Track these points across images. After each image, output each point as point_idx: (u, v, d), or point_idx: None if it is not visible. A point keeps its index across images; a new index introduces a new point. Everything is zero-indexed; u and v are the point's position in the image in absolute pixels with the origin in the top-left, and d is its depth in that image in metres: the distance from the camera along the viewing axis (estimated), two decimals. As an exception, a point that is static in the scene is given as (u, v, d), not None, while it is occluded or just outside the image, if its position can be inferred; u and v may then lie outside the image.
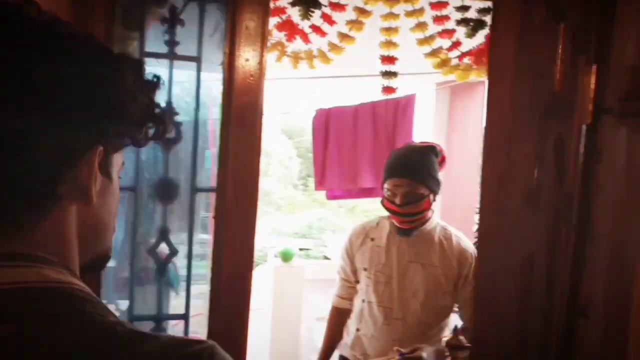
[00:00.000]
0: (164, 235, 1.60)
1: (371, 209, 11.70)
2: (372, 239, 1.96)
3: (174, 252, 1.62)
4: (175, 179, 1.60)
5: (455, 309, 2.02)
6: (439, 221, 2.00)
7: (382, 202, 1.93)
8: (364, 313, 1.96)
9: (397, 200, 1.81)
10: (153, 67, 1.57)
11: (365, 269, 1.95)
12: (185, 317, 1.64)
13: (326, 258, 8.57)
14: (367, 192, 3.16)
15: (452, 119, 3.95)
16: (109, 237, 0.64)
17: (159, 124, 0.61)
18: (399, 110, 3.02)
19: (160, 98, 1.55)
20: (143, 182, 1.59)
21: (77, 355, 0.48)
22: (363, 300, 1.96)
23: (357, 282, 2.04)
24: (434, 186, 1.87)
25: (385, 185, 1.88)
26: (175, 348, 0.51)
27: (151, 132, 0.62)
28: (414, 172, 1.83)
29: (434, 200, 1.90)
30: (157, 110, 0.60)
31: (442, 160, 1.94)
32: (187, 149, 1.63)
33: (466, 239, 1.97)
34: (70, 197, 0.55)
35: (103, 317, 0.52)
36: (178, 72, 1.59)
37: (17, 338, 0.47)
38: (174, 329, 1.70)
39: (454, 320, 2.07)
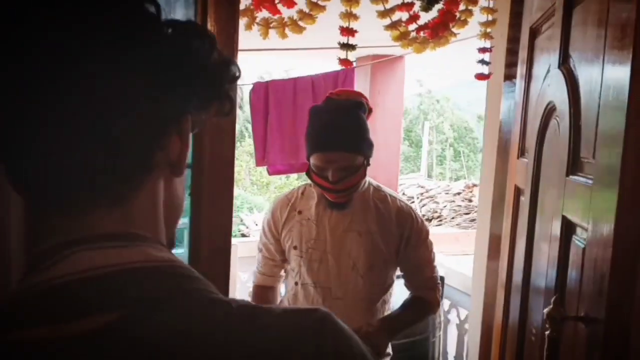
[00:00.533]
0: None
1: (284, 185, 11.76)
2: (300, 212, 1.65)
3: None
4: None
5: (399, 275, 1.76)
6: (370, 181, 1.68)
7: (309, 176, 1.61)
8: (299, 297, 1.68)
9: (330, 177, 1.51)
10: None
11: (295, 248, 1.65)
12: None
13: (244, 235, 8.53)
14: (309, 166, 3.17)
15: (373, 93, 4.06)
16: (180, 216, 0.62)
17: (229, 101, 0.58)
18: (338, 83, 3.05)
19: None
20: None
21: (195, 336, 0.46)
22: (296, 283, 1.67)
23: (285, 261, 1.74)
24: (368, 151, 1.59)
25: (312, 160, 1.55)
26: (291, 319, 0.49)
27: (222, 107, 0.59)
28: (347, 142, 1.52)
29: (369, 164, 1.60)
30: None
31: (369, 113, 1.66)
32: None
33: (402, 198, 1.73)
34: (161, 168, 0.53)
35: (212, 293, 0.51)
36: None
37: (129, 323, 0.44)
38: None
39: (399, 291, 1.80)
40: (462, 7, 1.99)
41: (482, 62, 2.00)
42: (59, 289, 0.45)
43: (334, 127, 1.54)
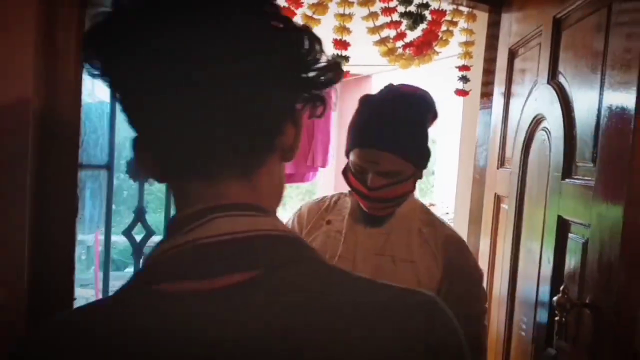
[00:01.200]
0: (139, 216, 1.52)
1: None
2: (328, 222, 1.37)
3: (150, 233, 1.55)
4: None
5: None
6: (418, 200, 1.40)
7: (345, 177, 1.32)
8: None
9: (368, 181, 1.22)
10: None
11: None
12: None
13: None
14: (287, 178, 3.21)
15: (341, 112, 4.17)
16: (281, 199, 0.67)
17: (323, 102, 0.64)
18: (313, 98, 3.12)
19: None
20: (118, 160, 1.49)
21: (318, 294, 0.51)
22: None
23: None
24: (422, 161, 1.26)
25: (351, 157, 1.26)
26: (405, 297, 0.54)
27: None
28: (399, 142, 1.19)
29: (420, 177, 1.29)
30: None
31: (434, 117, 1.31)
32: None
33: (453, 229, 1.39)
34: (280, 151, 0.58)
35: (331, 265, 0.57)
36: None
37: (264, 281, 0.50)
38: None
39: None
40: (443, 27, 2.12)
41: (463, 78, 2.14)
42: (203, 249, 0.50)
43: (386, 119, 1.21)
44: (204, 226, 0.51)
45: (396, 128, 1.21)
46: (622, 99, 1.03)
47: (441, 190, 5.58)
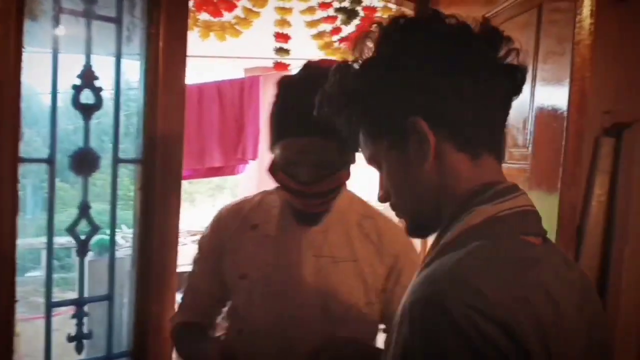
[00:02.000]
0: (84, 212, 1.46)
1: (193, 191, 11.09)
2: (254, 226, 1.18)
3: (95, 229, 1.49)
4: (96, 149, 1.48)
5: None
6: (354, 193, 1.24)
7: (272, 174, 1.13)
8: (239, 351, 1.08)
9: (303, 174, 1.07)
10: (72, 26, 1.42)
11: (244, 277, 1.14)
12: (109, 297, 1.53)
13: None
14: (215, 171, 3.18)
15: (264, 104, 4.17)
16: None
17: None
18: (244, 91, 3.12)
19: (78, 61, 1.44)
20: (61, 153, 1.43)
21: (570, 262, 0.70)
22: (240, 332, 1.16)
23: (224, 301, 1.22)
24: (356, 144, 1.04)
25: (278, 150, 1.10)
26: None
27: None
28: (330, 126, 0.96)
29: (354, 162, 1.13)
30: None
31: None
32: (108, 116, 1.52)
33: (391, 215, 1.08)
34: None
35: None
36: (97, 32, 1.47)
37: (547, 247, 0.67)
38: (96, 311, 1.57)
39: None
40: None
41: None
42: (526, 214, 0.65)
43: (313, 101, 0.99)
44: (519, 197, 0.65)
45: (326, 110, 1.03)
46: (554, 91, 1.16)
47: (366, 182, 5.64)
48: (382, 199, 0.75)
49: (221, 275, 1.19)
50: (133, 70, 1.56)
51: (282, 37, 1.97)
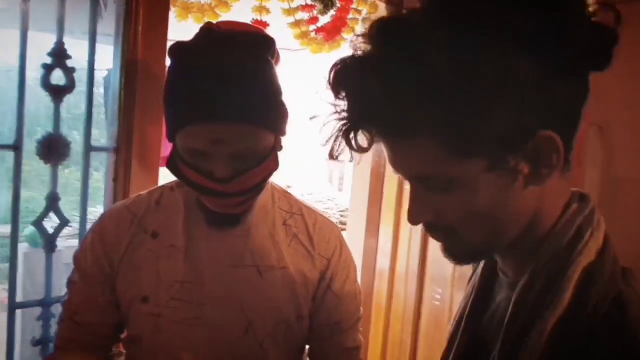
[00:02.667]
0: (52, 203, 1.34)
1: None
2: (154, 234, 0.95)
3: (64, 222, 1.37)
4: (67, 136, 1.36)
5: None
6: (274, 184, 1.03)
7: (173, 170, 0.90)
8: None
9: (218, 170, 0.84)
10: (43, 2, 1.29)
11: (145, 300, 0.92)
12: (78, 296, 1.41)
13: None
14: (163, 161, 3.02)
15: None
16: None
17: None
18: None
19: (49, 39, 1.31)
20: (28, 139, 1.29)
21: None
22: None
23: (116, 333, 1.00)
24: (281, 125, 0.90)
25: (183, 141, 0.85)
26: None
27: None
28: (246, 105, 0.82)
29: (281, 149, 0.93)
30: None
31: (277, 59, 0.93)
32: (80, 100, 1.39)
33: (320, 210, 1.07)
34: None
35: None
36: (70, 5, 1.34)
37: None
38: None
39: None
40: (350, 15, 2.19)
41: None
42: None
43: (223, 77, 0.81)
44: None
45: (238, 84, 0.81)
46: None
47: (294, 167, 4.89)
48: (431, 224, 0.59)
49: (115, 299, 0.94)
50: (108, 53, 1.44)
51: (260, 24, 1.89)
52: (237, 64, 0.82)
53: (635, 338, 0.51)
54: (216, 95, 0.80)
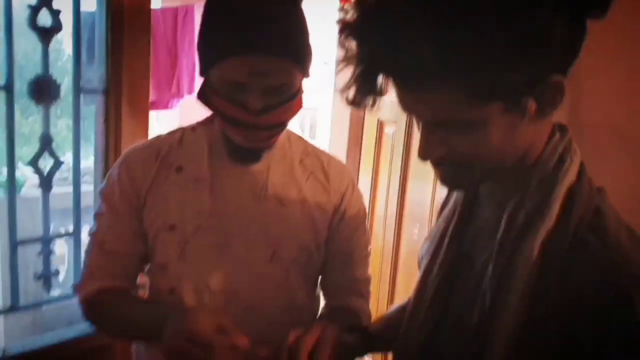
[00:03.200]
0: (46, 144, 1.37)
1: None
2: (179, 169, 1.00)
3: (58, 163, 1.41)
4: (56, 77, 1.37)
5: None
6: (288, 129, 1.07)
7: (206, 102, 0.94)
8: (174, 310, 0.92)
9: (253, 102, 0.88)
10: None
11: (172, 228, 0.98)
12: (75, 234, 1.47)
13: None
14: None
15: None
16: None
17: None
18: (178, 20, 2.94)
19: None
20: (19, 80, 1.31)
21: None
22: (172, 291, 0.99)
23: (145, 260, 1.03)
24: (309, 65, 0.94)
25: (219, 73, 0.89)
26: None
27: None
28: (287, 40, 0.87)
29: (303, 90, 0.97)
30: None
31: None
32: (69, 41, 1.40)
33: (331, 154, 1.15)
34: None
35: None
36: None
37: None
38: (62, 248, 1.51)
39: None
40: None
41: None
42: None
43: (265, 12, 0.86)
44: None
45: (279, 20, 0.86)
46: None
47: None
48: (441, 160, 0.65)
49: (141, 230, 0.99)
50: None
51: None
52: (281, 9, 0.87)
53: (616, 237, 0.61)
54: (260, 30, 0.84)
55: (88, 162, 1.68)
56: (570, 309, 0.59)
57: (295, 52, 0.88)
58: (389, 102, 0.64)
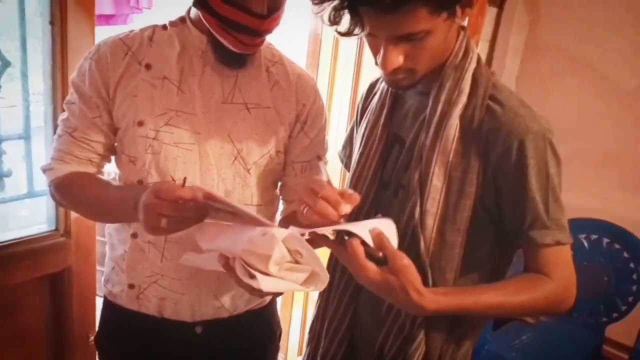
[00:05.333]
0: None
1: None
2: (148, 66, 1.02)
3: (5, 63, 1.42)
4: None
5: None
6: None
7: (204, 6, 0.95)
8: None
9: (257, 5, 0.92)
10: None
11: (140, 124, 1.01)
12: (26, 136, 1.50)
13: None
14: (105, 20, 2.92)
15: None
16: None
17: None
18: None
19: None
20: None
21: None
22: (140, 182, 1.04)
23: (110, 154, 1.10)
24: None
25: None
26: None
27: None
28: None
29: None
30: None
31: None
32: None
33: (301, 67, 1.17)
34: None
35: None
36: None
37: None
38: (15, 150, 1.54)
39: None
40: None
41: None
42: None
43: None
44: None
45: None
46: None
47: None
48: (398, 68, 0.83)
49: (110, 122, 1.04)
50: None
51: None
52: None
53: (510, 103, 0.87)
54: None
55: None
56: (484, 157, 0.84)
57: None
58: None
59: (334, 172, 2.14)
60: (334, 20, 0.82)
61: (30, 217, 1.60)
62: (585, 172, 1.94)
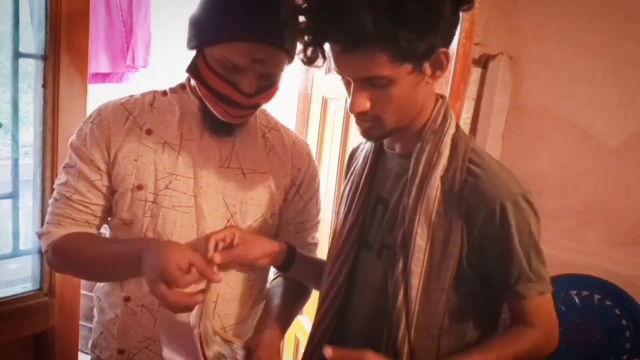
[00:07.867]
0: (-18, 106, 1.40)
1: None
2: (149, 132, 1.05)
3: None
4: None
5: None
6: None
7: (198, 78, 1.00)
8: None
9: (246, 85, 0.97)
10: None
11: (140, 188, 1.03)
12: (13, 195, 1.51)
13: None
14: (102, 78, 2.99)
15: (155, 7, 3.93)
16: None
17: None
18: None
19: None
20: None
21: None
22: None
23: (106, 216, 1.10)
24: (295, 51, 0.97)
25: (218, 52, 0.96)
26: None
27: None
28: (283, 32, 0.89)
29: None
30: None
31: None
32: (6, 5, 1.42)
33: (291, 129, 1.23)
34: None
35: None
36: None
37: None
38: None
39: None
40: None
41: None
42: None
43: (272, 2, 0.90)
44: None
45: (278, 12, 0.87)
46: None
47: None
48: (365, 113, 0.86)
49: (109, 185, 1.04)
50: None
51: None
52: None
53: (490, 166, 0.90)
54: (268, 19, 0.92)
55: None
56: (466, 218, 0.87)
57: (291, 43, 0.96)
58: (335, 79, 0.86)
59: (325, 228, 2.14)
60: (310, 58, 0.85)
61: (17, 272, 1.58)
62: (571, 228, 1.94)
